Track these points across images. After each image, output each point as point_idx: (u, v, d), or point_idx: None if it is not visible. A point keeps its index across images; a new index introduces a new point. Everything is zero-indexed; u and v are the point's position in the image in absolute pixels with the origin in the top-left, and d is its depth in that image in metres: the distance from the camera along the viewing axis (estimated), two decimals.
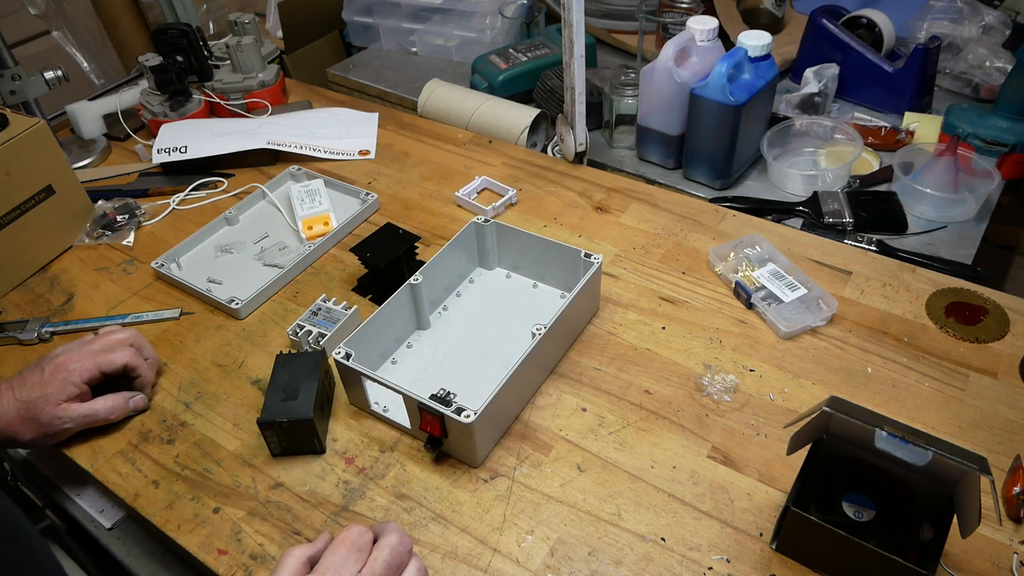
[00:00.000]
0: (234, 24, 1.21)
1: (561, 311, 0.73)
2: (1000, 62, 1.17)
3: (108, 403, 0.72)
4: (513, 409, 0.72)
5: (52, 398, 0.69)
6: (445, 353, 0.79)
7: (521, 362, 0.67)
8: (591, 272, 0.77)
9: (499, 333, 0.81)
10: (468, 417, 0.63)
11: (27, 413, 0.69)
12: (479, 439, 0.65)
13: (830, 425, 0.59)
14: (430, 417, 0.65)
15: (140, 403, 0.75)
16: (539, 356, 0.72)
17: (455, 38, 1.45)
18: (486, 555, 0.61)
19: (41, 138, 0.92)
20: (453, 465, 0.68)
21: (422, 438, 0.68)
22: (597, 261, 0.78)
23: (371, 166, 1.11)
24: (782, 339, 0.78)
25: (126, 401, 0.74)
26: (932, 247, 0.95)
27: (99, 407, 0.72)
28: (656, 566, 0.60)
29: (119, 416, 0.73)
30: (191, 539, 0.64)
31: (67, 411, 0.70)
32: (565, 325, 0.76)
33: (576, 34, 0.93)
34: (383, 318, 0.75)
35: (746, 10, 1.35)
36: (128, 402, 0.74)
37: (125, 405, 0.73)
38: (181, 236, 0.97)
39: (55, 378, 0.70)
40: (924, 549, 0.56)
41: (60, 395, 0.69)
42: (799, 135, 1.11)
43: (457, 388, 0.70)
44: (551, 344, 0.74)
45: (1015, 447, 0.66)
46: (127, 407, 0.74)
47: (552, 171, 1.06)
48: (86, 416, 0.71)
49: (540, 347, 0.70)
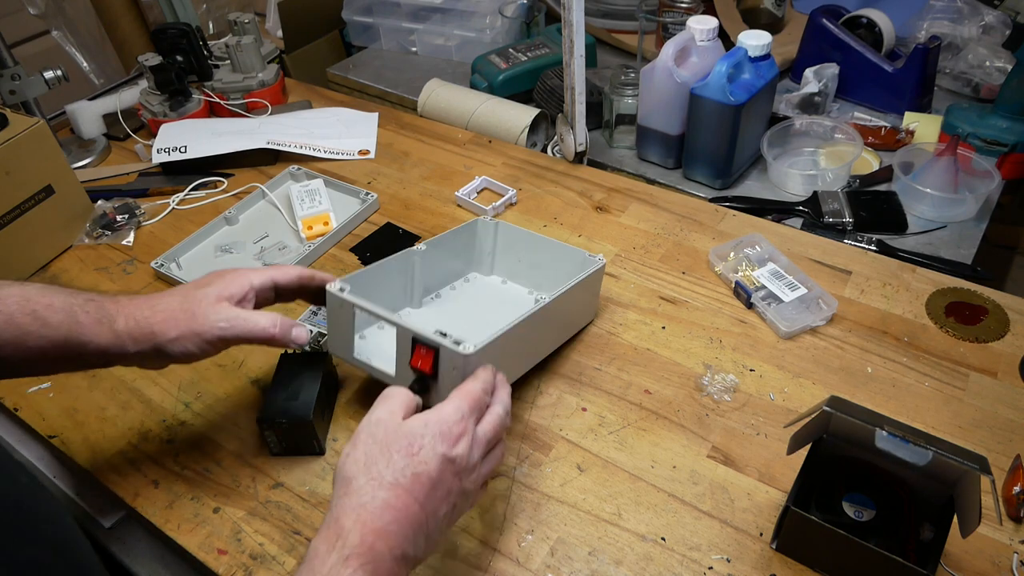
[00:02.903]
0: (234, 24, 1.21)
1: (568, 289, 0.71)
2: (1000, 62, 1.17)
3: (272, 318, 0.62)
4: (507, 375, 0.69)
5: (213, 293, 0.61)
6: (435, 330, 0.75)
7: (523, 320, 0.65)
8: (594, 268, 0.76)
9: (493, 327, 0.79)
10: (467, 349, 0.59)
11: (185, 304, 0.60)
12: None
13: (830, 425, 0.59)
14: (423, 351, 0.61)
15: (303, 335, 0.64)
16: (537, 328, 0.69)
17: (455, 38, 1.45)
18: (486, 555, 0.61)
19: (41, 138, 0.92)
20: None
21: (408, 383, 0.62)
22: (600, 262, 0.77)
23: (371, 166, 1.11)
24: (782, 339, 0.78)
25: (291, 327, 0.63)
26: (932, 247, 0.95)
27: (262, 319, 0.62)
28: (656, 566, 0.60)
29: (282, 336, 0.62)
30: (191, 539, 0.64)
31: (226, 310, 0.61)
32: (565, 308, 0.74)
33: (576, 34, 0.93)
34: (380, 274, 0.72)
35: (746, 10, 1.35)
36: (292, 329, 0.63)
37: (289, 330, 0.63)
38: (181, 236, 0.97)
39: (222, 277, 0.63)
40: (924, 549, 0.56)
41: (223, 291, 0.62)
42: (799, 135, 1.11)
43: None
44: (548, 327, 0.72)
45: (1015, 447, 0.67)
46: (290, 333, 0.63)
47: (552, 171, 1.06)
48: (245, 321, 0.61)
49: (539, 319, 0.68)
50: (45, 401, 0.78)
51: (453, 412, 0.52)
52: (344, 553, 0.45)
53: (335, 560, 0.45)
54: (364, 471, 0.49)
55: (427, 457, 0.50)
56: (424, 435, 0.50)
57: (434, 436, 0.50)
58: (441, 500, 0.50)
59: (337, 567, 0.45)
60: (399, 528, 0.47)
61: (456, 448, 0.51)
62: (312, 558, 0.46)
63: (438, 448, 0.50)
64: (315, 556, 0.46)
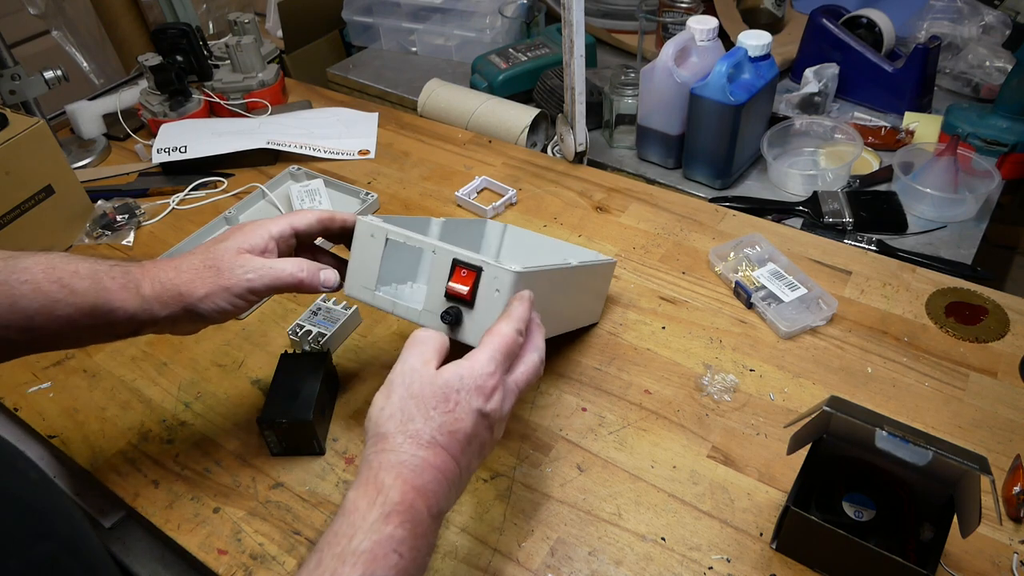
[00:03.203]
0: (234, 24, 1.21)
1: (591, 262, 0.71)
2: (1000, 62, 1.17)
3: (297, 263, 0.62)
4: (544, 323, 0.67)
5: (234, 246, 0.60)
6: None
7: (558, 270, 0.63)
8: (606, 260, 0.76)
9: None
10: (512, 268, 0.56)
11: (207, 261, 0.60)
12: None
13: (830, 425, 0.59)
14: (464, 273, 0.58)
15: (332, 279, 0.63)
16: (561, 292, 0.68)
17: (455, 38, 1.45)
18: (486, 555, 0.61)
19: (41, 138, 0.92)
20: None
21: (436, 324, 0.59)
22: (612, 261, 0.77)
23: (371, 166, 1.11)
24: (782, 339, 0.78)
25: (318, 270, 0.62)
26: (932, 247, 0.95)
27: (287, 264, 0.61)
28: (656, 566, 0.60)
29: (310, 279, 0.62)
30: (191, 539, 0.64)
31: (250, 260, 0.60)
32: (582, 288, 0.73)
33: (576, 34, 0.93)
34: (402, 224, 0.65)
35: (746, 10, 1.35)
36: (320, 272, 0.62)
37: (316, 273, 0.62)
38: (181, 236, 0.97)
39: (241, 229, 0.62)
40: (924, 549, 0.56)
41: (244, 243, 0.61)
42: (799, 135, 1.11)
43: None
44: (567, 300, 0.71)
45: (1015, 447, 0.67)
46: (318, 276, 0.62)
47: (552, 171, 1.06)
48: (271, 269, 0.60)
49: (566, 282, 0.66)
50: (45, 401, 0.78)
51: (487, 363, 0.51)
52: (385, 510, 0.45)
53: (376, 516, 0.45)
54: (401, 428, 0.49)
55: (463, 413, 0.50)
56: (460, 389, 0.50)
57: (469, 391, 0.50)
58: (474, 454, 0.51)
59: (378, 524, 0.44)
60: (437, 486, 0.48)
61: (490, 403, 0.51)
62: (351, 512, 0.45)
63: (473, 403, 0.50)
64: (354, 511, 0.45)
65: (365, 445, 0.50)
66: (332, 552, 0.43)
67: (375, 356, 0.80)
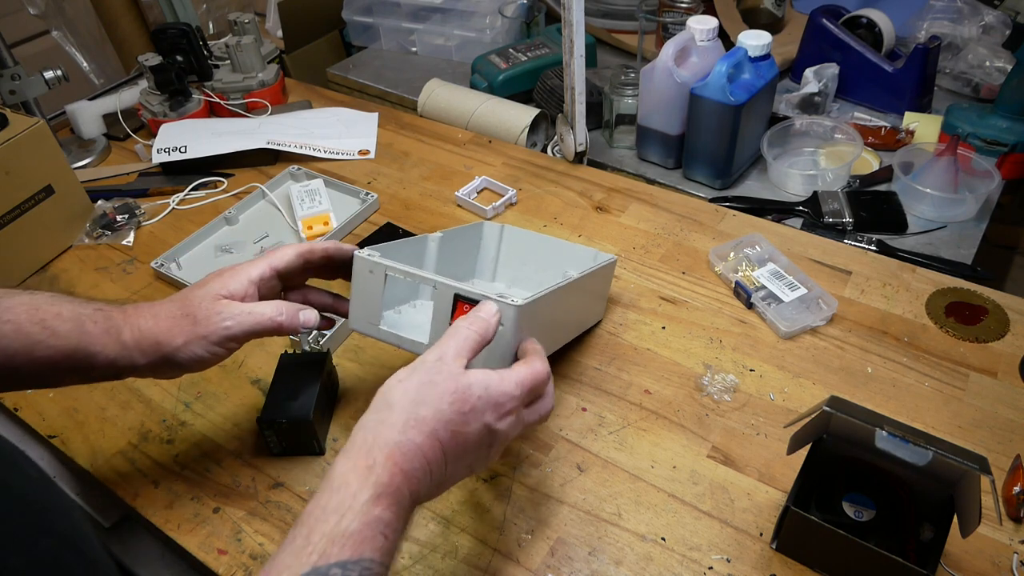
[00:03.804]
0: (234, 24, 1.21)
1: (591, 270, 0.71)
2: (1000, 62, 1.17)
3: (275, 306, 0.60)
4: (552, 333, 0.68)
5: (212, 292, 0.59)
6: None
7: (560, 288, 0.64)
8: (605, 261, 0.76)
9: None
10: (514, 302, 0.56)
11: (184, 308, 0.59)
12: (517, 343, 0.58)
13: (830, 425, 0.59)
14: (467, 307, 0.58)
15: (312, 319, 0.62)
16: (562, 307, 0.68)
17: (455, 38, 1.45)
18: (486, 555, 0.61)
19: (41, 138, 0.92)
20: None
21: None
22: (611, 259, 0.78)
23: (371, 166, 1.11)
24: (782, 339, 0.78)
25: (297, 311, 0.61)
26: (932, 247, 0.95)
27: (265, 308, 0.60)
28: (656, 566, 0.60)
29: (289, 322, 0.61)
30: (191, 539, 0.64)
31: (228, 306, 0.59)
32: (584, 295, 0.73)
33: (576, 34, 0.93)
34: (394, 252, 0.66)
35: (746, 10, 1.35)
36: (299, 313, 0.61)
37: (295, 314, 0.61)
38: (181, 236, 0.97)
39: (220, 275, 0.61)
40: (924, 549, 0.56)
41: (222, 289, 0.60)
42: (799, 135, 1.11)
43: None
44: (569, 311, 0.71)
45: (1015, 447, 0.67)
46: (297, 318, 0.61)
47: (552, 171, 1.06)
48: (250, 315, 0.59)
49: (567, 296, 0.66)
50: (45, 401, 0.78)
51: (514, 387, 0.51)
52: (376, 491, 0.45)
53: (367, 498, 0.44)
54: (410, 408, 0.48)
55: (474, 420, 0.49)
56: (481, 397, 0.50)
57: (488, 403, 0.50)
58: (464, 465, 0.51)
59: (368, 505, 0.44)
60: (423, 475, 0.47)
61: (501, 423, 0.51)
62: (341, 488, 0.45)
63: (487, 416, 0.50)
64: (344, 486, 0.45)
65: (368, 409, 0.49)
66: (321, 531, 0.43)
67: (375, 356, 0.80)
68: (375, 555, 0.43)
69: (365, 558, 0.43)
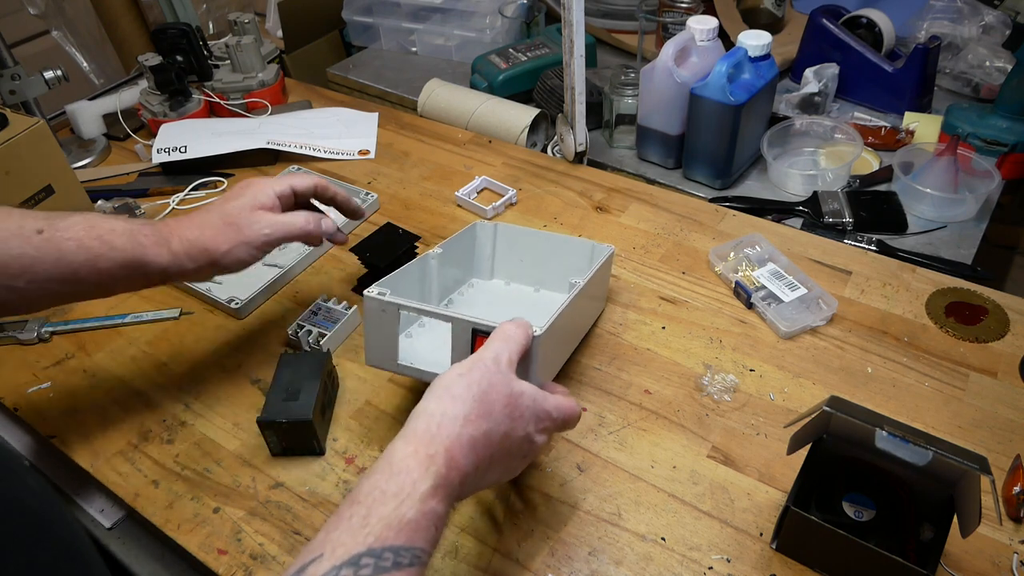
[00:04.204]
0: (234, 24, 1.21)
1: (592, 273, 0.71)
2: (1000, 62, 1.17)
3: (304, 216, 0.71)
4: (556, 362, 0.69)
5: (247, 203, 0.69)
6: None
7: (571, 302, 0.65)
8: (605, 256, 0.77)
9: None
10: (535, 331, 0.57)
11: (226, 219, 0.68)
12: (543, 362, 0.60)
13: (830, 425, 0.59)
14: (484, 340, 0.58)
15: (331, 226, 0.73)
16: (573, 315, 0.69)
17: (455, 38, 1.45)
18: (486, 555, 0.61)
19: (41, 138, 0.92)
20: None
21: None
22: (609, 249, 0.78)
23: (371, 166, 1.11)
24: (782, 339, 0.78)
25: (319, 219, 0.72)
26: (932, 247, 0.95)
27: (295, 218, 0.70)
28: (656, 566, 0.60)
29: (315, 228, 0.71)
30: (191, 539, 0.64)
31: (264, 216, 0.69)
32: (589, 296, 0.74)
33: (576, 34, 0.93)
34: (400, 281, 0.70)
35: (746, 10, 1.35)
36: (322, 221, 0.72)
37: (319, 222, 0.72)
38: None
39: (247, 189, 0.70)
40: (924, 549, 0.56)
41: (254, 201, 0.69)
42: (799, 135, 1.11)
43: None
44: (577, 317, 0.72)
45: (1015, 447, 0.67)
46: (320, 224, 0.72)
47: (552, 171, 1.06)
48: (284, 224, 0.69)
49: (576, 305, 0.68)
50: (45, 401, 0.78)
51: (553, 409, 0.54)
52: (436, 482, 0.45)
53: (426, 488, 0.45)
54: (472, 403, 0.49)
55: (519, 428, 0.52)
56: (529, 407, 0.52)
57: (533, 414, 0.53)
58: (502, 467, 0.52)
59: (427, 495, 0.45)
60: (472, 472, 0.48)
61: (539, 436, 0.54)
62: (401, 472, 0.45)
63: (530, 426, 0.52)
64: (404, 472, 0.45)
65: (427, 397, 0.50)
66: (379, 513, 0.43)
67: None
68: (426, 545, 0.44)
69: (417, 547, 0.43)
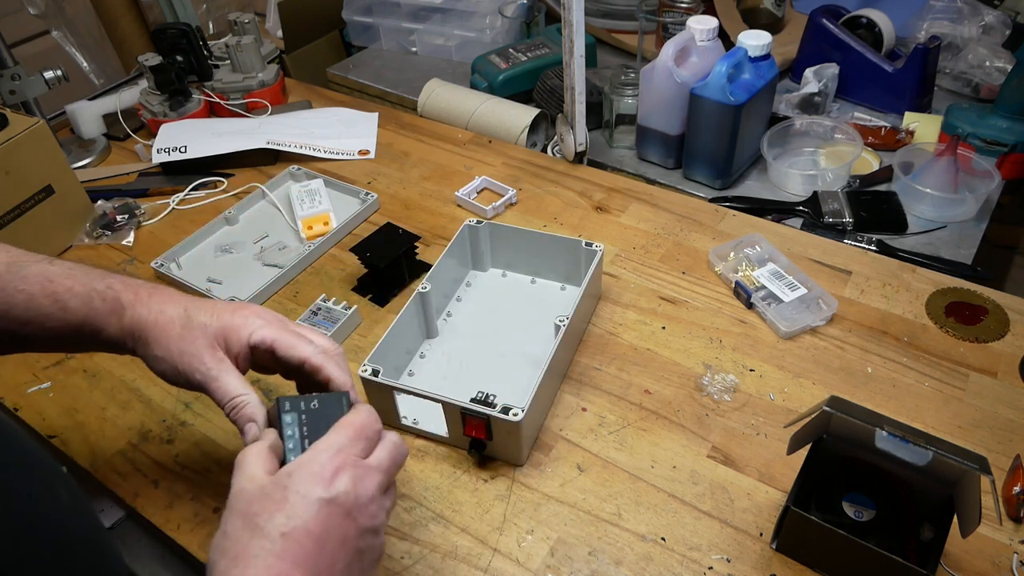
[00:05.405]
0: (234, 24, 1.21)
1: (579, 299, 0.73)
2: (1000, 62, 1.17)
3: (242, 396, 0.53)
4: (547, 403, 0.72)
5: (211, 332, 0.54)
6: (461, 358, 0.78)
7: (553, 354, 0.68)
8: (596, 259, 0.78)
9: (511, 330, 0.81)
10: (516, 416, 0.62)
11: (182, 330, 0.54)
12: (525, 436, 0.65)
13: (830, 425, 0.59)
14: (475, 421, 0.64)
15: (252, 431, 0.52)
16: (562, 349, 0.71)
17: (455, 38, 1.45)
18: (486, 555, 0.61)
19: (41, 138, 0.92)
20: (453, 465, 0.68)
21: (462, 445, 0.68)
22: (599, 250, 0.79)
23: (371, 166, 1.11)
24: (782, 339, 0.78)
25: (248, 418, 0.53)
26: (932, 247, 0.95)
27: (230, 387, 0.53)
28: (656, 566, 0.60)
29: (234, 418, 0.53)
30: (191, 539, 0.64)
31: (210, 360, 0.53)
32: (577, 318, 0.75)
33: (576, 34, 0.93)
34: (397, 331, 0.73)
35: (746, 10, 1.35)
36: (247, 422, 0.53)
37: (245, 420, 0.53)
38: (181, 236, 0.97)
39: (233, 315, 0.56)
40: (924, 549, 0.56)
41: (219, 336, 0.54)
42: (799, 135, 1.11)
43: (487, 389, 0.67)
44: (568, 337, 0.74)
45: (1015, 447, 0.67)
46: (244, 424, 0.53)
47: (552, 171, 1.06)
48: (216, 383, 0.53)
49: (563, 339, 0.70)
50: (45, 401, 0.78)
51: (325, 448, 0.45)
52: None
53: None
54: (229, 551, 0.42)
55: (297, 509, 0.42)
56: (288, 485, 0.43)
57: (303, 480, 0.43)
58: (336, 553, 0.43)
59: None
60: None
61: (334, 486, 0.43)
62: None
63: (311, 493, 0.43)
64: None
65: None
66: None
67: None
68: None
69: None
